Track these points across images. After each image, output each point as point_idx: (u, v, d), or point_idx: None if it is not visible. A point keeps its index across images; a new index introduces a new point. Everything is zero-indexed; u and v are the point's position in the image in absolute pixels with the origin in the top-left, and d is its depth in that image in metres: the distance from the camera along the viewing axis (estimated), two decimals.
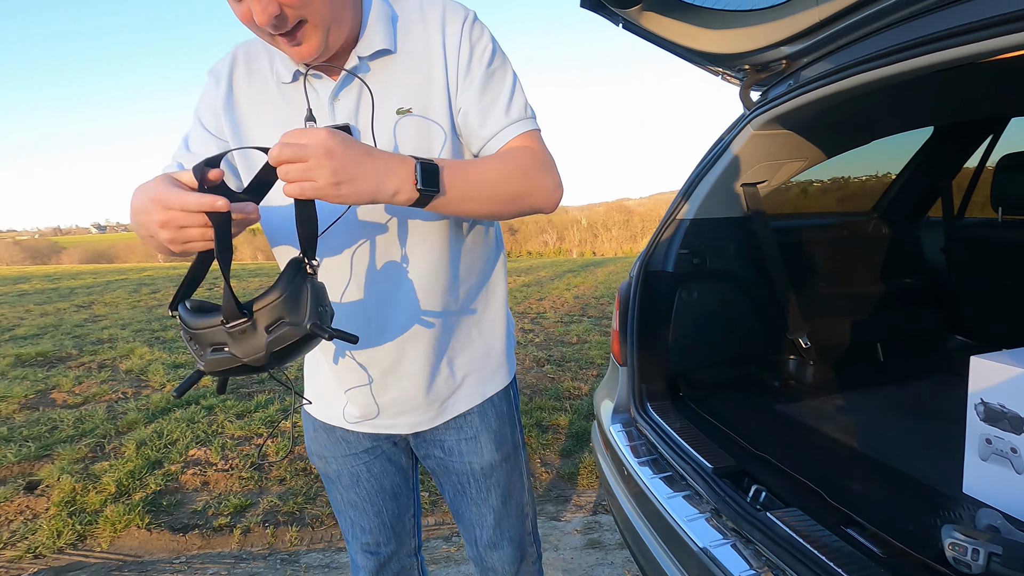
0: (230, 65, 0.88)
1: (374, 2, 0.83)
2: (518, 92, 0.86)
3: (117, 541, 2.21)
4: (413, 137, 0.82)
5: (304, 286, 0.69)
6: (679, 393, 1.62)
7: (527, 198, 0.83)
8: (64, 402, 3.76)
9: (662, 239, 1.72)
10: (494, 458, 1.03)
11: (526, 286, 10.00)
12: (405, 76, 0.82)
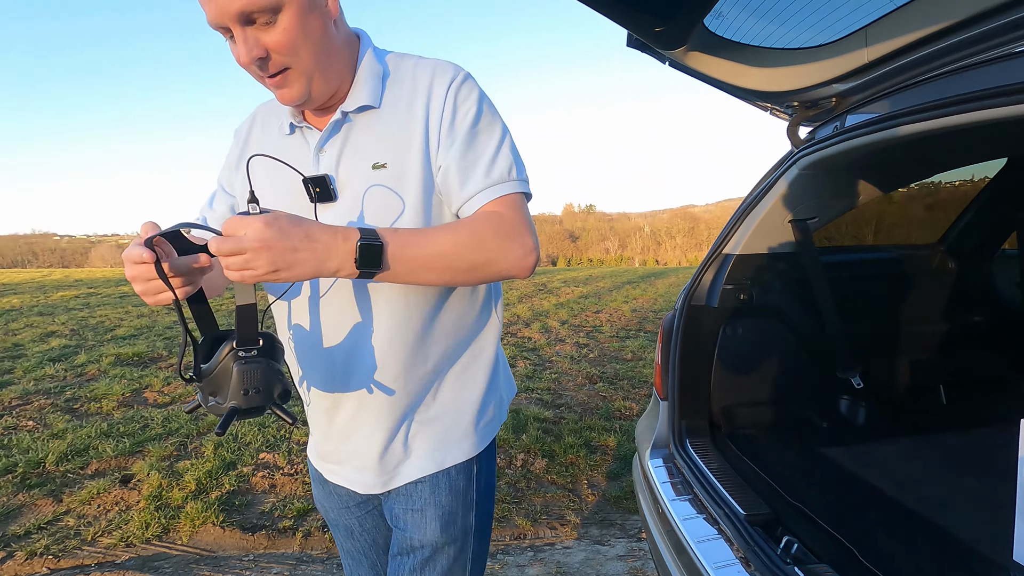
0: (249, 124, 0.97)
1: (367, 59, 0.86)
2: (503, 153, 0.84)
3: (195, 536, 2.43)
4: (384, 193, 0.83)
5: (231, 368, 0.73)
6: (720, 431, 1.61)
7: (489, 266, 0.80)
8: (155, 401, 4.14)
9: (706, 273, 1.72)
10: (436, 539, 0.93)
11: (584, 298, 9.97)
12: (385, 132, 0.84)
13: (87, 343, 6.24)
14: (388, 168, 0.82)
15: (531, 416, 3.58)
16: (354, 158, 0.84)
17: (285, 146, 0.90)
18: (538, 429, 3.37)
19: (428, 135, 0.83)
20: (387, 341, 0.87)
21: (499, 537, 2.39)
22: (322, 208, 0.85)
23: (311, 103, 0.83)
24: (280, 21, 0.73)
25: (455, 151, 0.82)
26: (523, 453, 3.08)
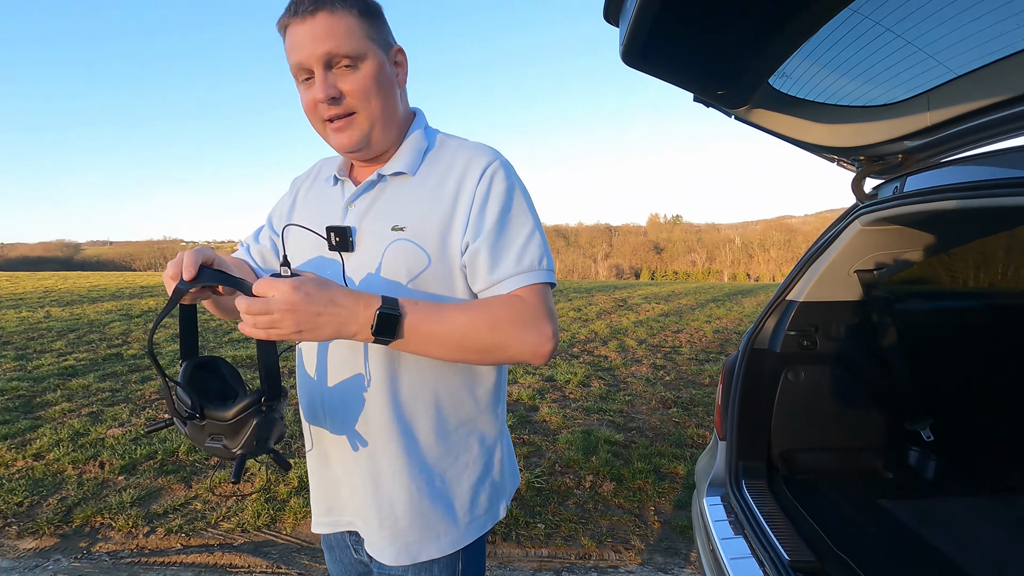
0: (304, 177, 1.07)
1: (416, 133, 0.94)
2: (534, 242, 0.87)
3: (297, 528, 2.76)
4: (398, 254, 0.87)
5: (251, 421, 0.78)
6: (778, 473, 1.66)
7: (502, 350, 0.82)
8: None
9: (769, 318, 1.77)
10: None
11: (664, 316, 9.81)
12: (412, 199, 0.89)
13: (208, 344, 7.06)
14: (405, 232, 0.87)
15: (602, 438, 3.67)
16: (378, 217, 0.90)
17: (328, 195, 0.99)
18: (608, 452, 3.46)
19: (455, 212, 0.86)
20: (376, 398, 0.89)
21: (564, 555, 2.52)
22: (344, 256, 0.91)
23: (365, 152, 0.89)
24: (360, 69, 0.83)
25: (486, 235, 0.85)
26: (592, 475, 3.18)
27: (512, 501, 2.85)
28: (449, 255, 0.87)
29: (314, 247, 0.93)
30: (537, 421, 4.12)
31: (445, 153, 0.92)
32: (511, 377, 5.36)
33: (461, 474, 0.93)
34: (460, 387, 0.93)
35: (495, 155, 0.90)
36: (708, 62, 1.46)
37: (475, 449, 0.94)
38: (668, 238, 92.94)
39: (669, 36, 1.23)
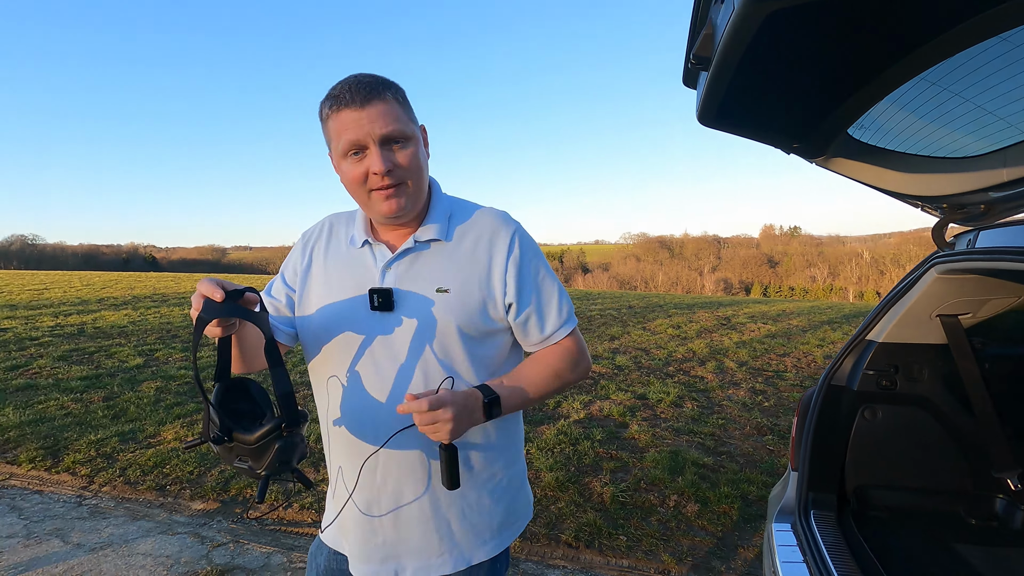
0: (316, 235, 1.15)
1: (436, 196, 1.09)
2: (564, 298, 1.09)
3: None
4: (446, 311, 1.01)
5: (273, 445, 0.88)
6: (849, 508, 1.71)
7: (564, 387, 1.10)
8: None
9: (848, 356, 1.83)
10: None
11: (770, 337, 9.36)
12: (450, 263, 1.04)
13: None
14: (450, 293, 1.02)
15: (690, 460, 3.72)
16: (419, 280, 1.03)
17: (353, 257, 1.08)
18: (695, 474, 3.51)
19: (491, 274, 1.04)
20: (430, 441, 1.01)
21: (644, 568, 2.66)
22: (381, 315, 1.03)
23: (405, 216, 1.03)
24: (408, 147, 0.99)
25: (533, 301, 1.06)
26: (676, 495, 3.27)
27: (596, 512, 3.03)
28: (490, 311, 1.04)
29: (349, 306, 1.05)
30: (626, 438, 4.24)
31: (468, 219, 1.09)
32: (603, 392, 5.50)
33: (495, 492, 1.11)
34: (510, 439, 1.14)
35: (514, 223, 1.09)
36: (782, 120, 1.58)
37: (501, 473, 1.12)
38: (784, 251, 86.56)
39: (743, 98, 1.36)
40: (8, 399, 5.15)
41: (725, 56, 1.07)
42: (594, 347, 8.09)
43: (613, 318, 11.70)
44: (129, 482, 3.53)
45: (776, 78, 1.29)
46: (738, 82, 1.21)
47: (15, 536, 2.92)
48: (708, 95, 1.31)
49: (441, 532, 1.08)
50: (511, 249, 1.05)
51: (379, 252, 1.07)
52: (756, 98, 1.40)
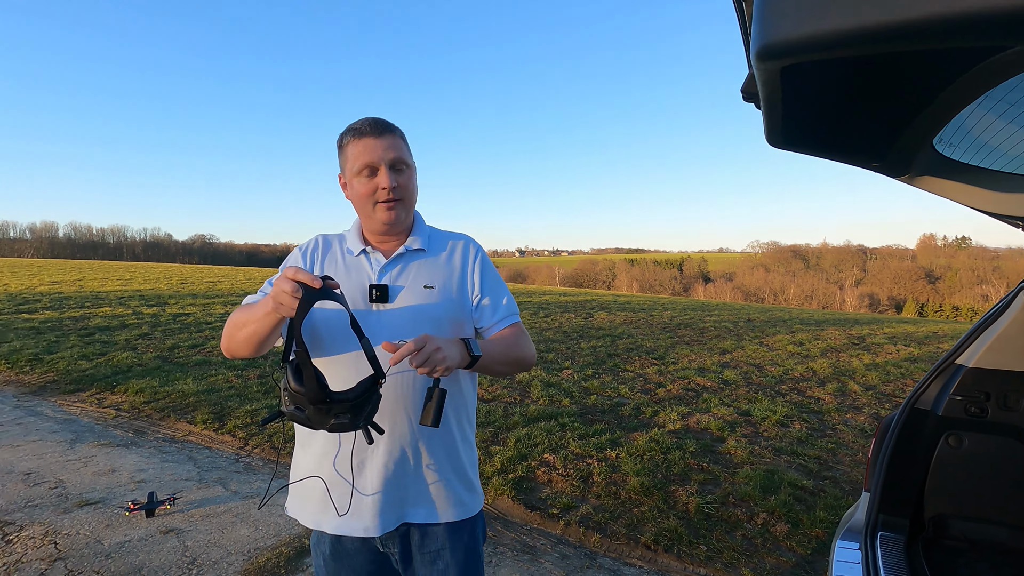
0: (312, 246, 1.39)
1: (419, 222, 1.40)
2: (510, 295, 1.41)
3: (496, 501, 3.43)
4: (435, 303, 1.30)
5: (372, 398, 1.08)
6: (921, 534, 1.67)
7: (516, 361, 1.33)
8: (481, 397, 5.58)
9: (935, 380, 1.77)
10: None
11: (910, 360, 8.41)
12: (433, 267, 1.34)
13: None
14: (434, 289, 1.32)
15: (787, 480, 3.59)
16: (408, 278, 1.32)
17: (351, 263, 1.34)
18: (790, 495, 3.39)
19: (464, 277, 1.36)
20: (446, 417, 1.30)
21: None
22: (378, 306, 1.28)
23: (397, 226, 1.32)
24: (406, 172, 1.30)
25: (488, 293, 1.37)
26: (766, 513, 3.20)
27: (679, 519, 3.09)
28: (463, 303, 1.34)
29: (351, 302, 1.28)
30: (721, 452, 4.17)
31: (442, 239, 1.41)
32: (704, 406, 5.40)
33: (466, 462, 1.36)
34: (469, 406, 1.40)
35: (475, 242, 1.43)
36: (853, 138, 1.59)
37: (472, 436, 1.41)
38: (947, 265, 75.37)
39: (803, 122, 1.40)
40: (189, 372, 6.28)
41: (767, 97, 1.16)
42: (701, 359, 7.86)
43: (728, 331, 11.19)
44: (274, 447, 4.20)
45: (830, 100, 1.31)
46: (791, 110, 1.28)
47: (191, 480, 3.65)
48: (768, 122, 1.38)
49: (427, 484, 1.30)
50: (476, 257, 1.39)
51: (375, 258, 1.34)
52: (817, 120, 1.43)
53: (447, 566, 1.32)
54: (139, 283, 19.04)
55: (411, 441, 1.28)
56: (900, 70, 1.17)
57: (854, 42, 0.81)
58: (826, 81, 1.22)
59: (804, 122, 1.39)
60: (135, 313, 11.03)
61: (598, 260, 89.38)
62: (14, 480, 3.57)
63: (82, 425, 4.71)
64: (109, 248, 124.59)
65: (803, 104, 1.27)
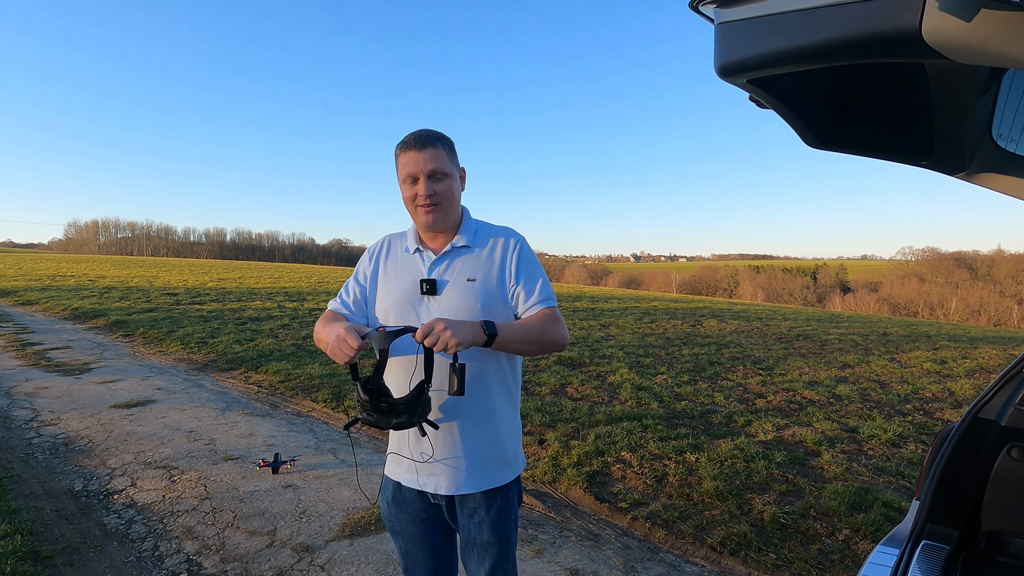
0: (379, 248, 1.62)
1: (467, 218, 1.56)
2: (547, 282, 1.52)
3: (569, 491, 3.59)
4: (475, 295, 1.46)
5: (421, 399, 1.34)
6: (973, 548, 1.59)
7: (545, 342, 1.45)
8: (570, 395, 5.75)
9: (1002, 389, 1.68)
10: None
11: None
12: (476, 262, 1.50)
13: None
14: (475, 281, 1.49)
15: (880, 500, 3.35)
16: (454, 272, 1.50)
17: (408, 260, 1.56)
18: (882, 515, 3.17)
19: (503, 269, 1.51)
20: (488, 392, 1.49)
21: None
22: (429, 298, 1.49)
23: (435, 228, 1.50)
24: (445, 181, 1.46)
25: (524, 279, 1.51)
26: (849, 530, 3.03)
27: (750, 526, 3.06)
28: (502, 293, 1.50)
29: (407, 294, 1.51)
30: (812, 466, 3.96)
31: (488, 234, 1.56)
32: (805, 419, 5.10)
33: (503, 438, 1.54)
34: (511, 388, 1.56)
35: (517, 234, 1.57)
36: (888, 135, 1.55)
37: (507, 424, 1.56)
38: None
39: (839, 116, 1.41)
40: (316, 358, 7.15)
41: (771, 105, 1.24)
42: (815, 373, 7.33)
43: (854, 345, 10.22)
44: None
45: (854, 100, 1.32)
46: (805, 113, 1.32)
47: (309, 447, 4.25)
48: (792, 126, 1.42)
49: (469, 460, 1.50)
50: (515, 249, 1.54)
51: (426, 256, 1.54)
52: (847, 120, 1.44)
53: (482, 521, 1.55)
54: (285, 281, 21.62)
55: (458, 423, 1.49)
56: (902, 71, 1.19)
57: (781, 61, 0.93)
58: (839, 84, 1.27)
59: (831, 123, 1.42)
60: (279, 307, 12.64)
61: (719, 266, 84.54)
62: (180, 435, 4.41)
63: (232, 397, 5.63)
64: (264, 251, 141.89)
65: (823, 106, 1.32)
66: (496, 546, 1.55)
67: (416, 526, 1.60)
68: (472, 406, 1.48)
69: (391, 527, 1.64)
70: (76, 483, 3.52)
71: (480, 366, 1.47)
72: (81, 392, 5.62)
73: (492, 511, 1.55)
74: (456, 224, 1.56)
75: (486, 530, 1.54)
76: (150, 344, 8.40)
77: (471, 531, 1.55)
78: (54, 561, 2.66)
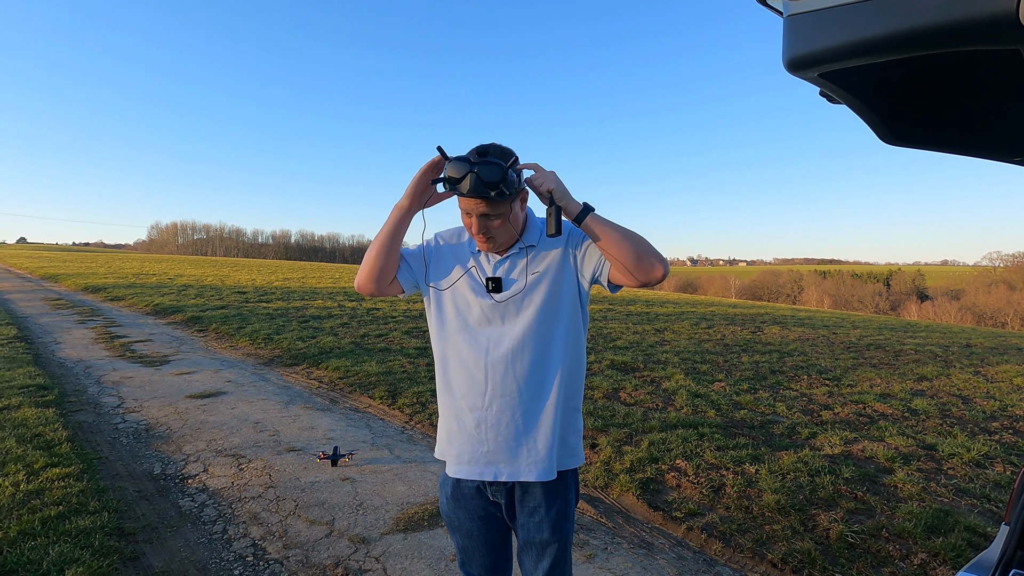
0: (448, 236, 1.65)
1: (531, 219, 1.58)
2: None
3: (621, 497, 3.54)
4: (538, 288, 1.51)
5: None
6: None
7: (639, 248, 1.41)
8: (623, 399, 5.66)
9: None
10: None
11: None
12: (540, 257, 1.53)
13: (597, 347, 8.67)
14: (539, 274, 1.52)
15: (963, 524, 3.10)
16: (518, 270, 1.53)
17: (475, 256, 1.58)
18: (964, 540, 2.94)
19: (566, 251, 1.53)
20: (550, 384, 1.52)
21: None
22: (494, 295, 1.52)
23: (492, 251, 1.54)
24: (496, 219, 1.45)
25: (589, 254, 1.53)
26: (926, 554, 2.82)
27: (815, 543, 2.91)
28: (566, 278, 1.53)
29: (471, 290, 1.55)
30: (884, 484, 3.72)
31: None
32: (876, 433, 4.80)
33: (563, 431, 1.56)
34: (575, 382, 1.57)
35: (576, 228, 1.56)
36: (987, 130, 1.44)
37: (568, 418, 1.57)
38: None
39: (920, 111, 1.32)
40: (374, 356, 7.37)
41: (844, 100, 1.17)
42: (888, 385, 6.89)
43: (933, 356, 9.53)
44: (432, 424, 4.81)
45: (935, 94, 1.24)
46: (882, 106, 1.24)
47: (366, 442, 4.38)
48: (870, 123, 1.34)
49: (528, 448, 1.51)
50: (572, 229, 1.57)
51: (492, 256, 1.57)
52: (929, 115, 1.35)
53: (542, 520, 1.55)
54: (345, 282, 22.41)
55: (518, 408, 1.51)
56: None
57: (857, 53, 0.89)
58: (918, 74, 1.19)
59: (908, 117, 1.33)
60: (339, 306, 13.11)
61: (781, 271, 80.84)
62: (248, 426, 4.65)
63: (295, 391, 5.89)
64: (326, 252, 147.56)
65: (900, 99, 1.24)
66: (555, 545, 1.55)
67: (474, 522, 1.61)
68: (533, 394, 1.51)
69: (449, 522, 1.66)
70: (155, 466, 3.78)
71: (543, 350, 1.51)
72: (160, 382, 6.04)
73: (552, 510, 1.55)
74: (519, 233, 1.57)
75: (546, 529, 1.54)
76: (221, 339, 8.92)
77: (530, 530, 1.55)
78: (135, 538, 2.86)
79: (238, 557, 2.73)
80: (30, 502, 3.09)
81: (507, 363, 1.50)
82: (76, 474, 3.48)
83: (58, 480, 3.38)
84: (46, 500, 3.13)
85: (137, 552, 2.74)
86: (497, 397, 1.50)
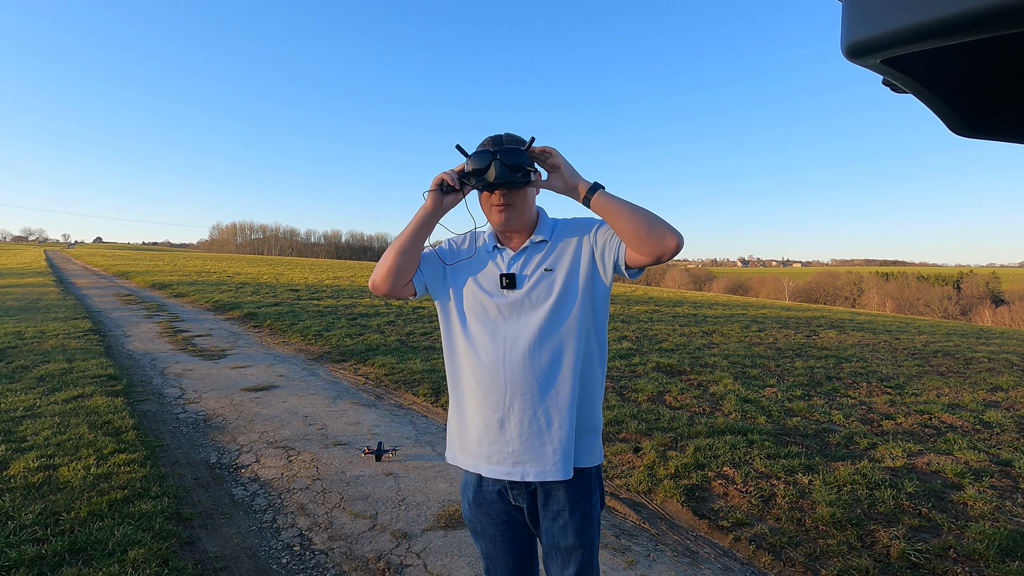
0: (464, 236, 1.67)
1: (543, 217, 1.59)
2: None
3: (664, 503, 3.45)
4: (552, 283, 1.50)
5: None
6: None
7: (652, 222, 1.39)
8: (668, 403, 5.53)
9: None
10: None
11: None
12: (554, 253, 1.53)
13: (642, 349, 8.51)
14: (554, 271, 1.52)
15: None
16: (532, 266, 1.53)
17: (489, 256, 1.59)
18: None
19: (581, 241, 1.54)
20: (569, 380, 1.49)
21: None
22: (509, 292, 1.52)
23: (509, 227, 1.54)
24: (520, 191, 1.49)
25: (604, 241, 1.52)
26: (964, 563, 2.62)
27: (874, 561, 2.76)
28: (577, 271, 1.52)
29: (487, 286, 1.56)
30: (952, 500, 3.47)
31: (566, 228, 1.59)
32: (943, 447, 4.49)
33: (585, 428, 1.54)
34: (596, 382, 1.55)
35: (591, 220, 1.57)
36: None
37: (590, 417, 1.55)
38: None
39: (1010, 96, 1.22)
40: (419, 354, 7.48)
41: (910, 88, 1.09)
42: (957, 394, 6.45)
43: (1009, 365, 8.86)
44: None
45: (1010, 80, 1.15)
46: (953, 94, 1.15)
47: (409, 439, 4.45)
48: (939, 113, 1.25)
49: (552, 446, 1.48)
50: (597, 224, 1.57)
51: (505, 253, 1.58)
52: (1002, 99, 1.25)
53: (566, 524, 1.52)
54: None
55: (539, 406, 1.48)
56: None
57: (926, 36, 0.82)
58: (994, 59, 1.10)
59: (982, 106, 1.23)
60: (386, 304, 13.40)
61: (840, 273, 77.09)
62: (297, 419, 4.81)
63: (342, 387, 6.05)
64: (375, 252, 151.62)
65: (973, 86, 1.15)
66: (580, 550, 1.52)
67: (497, 527, 1.59)
68: (553, 390, 1.49)
69: (472, 528, 1.64)
70: (212, 455, 3.96)
71: (561, 346, 1.49)
72: (218, 375, 6.33)
73: (577, 514, 1.52)
74: (532, 224, 1.59)
75: (570, 534, 1.51)
76: (275, 335, 9.27)
77: (554, 535, 1.53)
78: (192, 524, 3.00)
79: (286, 546, 2.82)
80: (99, 485, 3.30)
81: (525, 360, 1.48)
82: (140, 460, 3.69)
83: (124, 465, 3.59)
84: (113, 484, 3.33)
85: (193, 536, 2.87)
86: (517, 396, 1.49)
